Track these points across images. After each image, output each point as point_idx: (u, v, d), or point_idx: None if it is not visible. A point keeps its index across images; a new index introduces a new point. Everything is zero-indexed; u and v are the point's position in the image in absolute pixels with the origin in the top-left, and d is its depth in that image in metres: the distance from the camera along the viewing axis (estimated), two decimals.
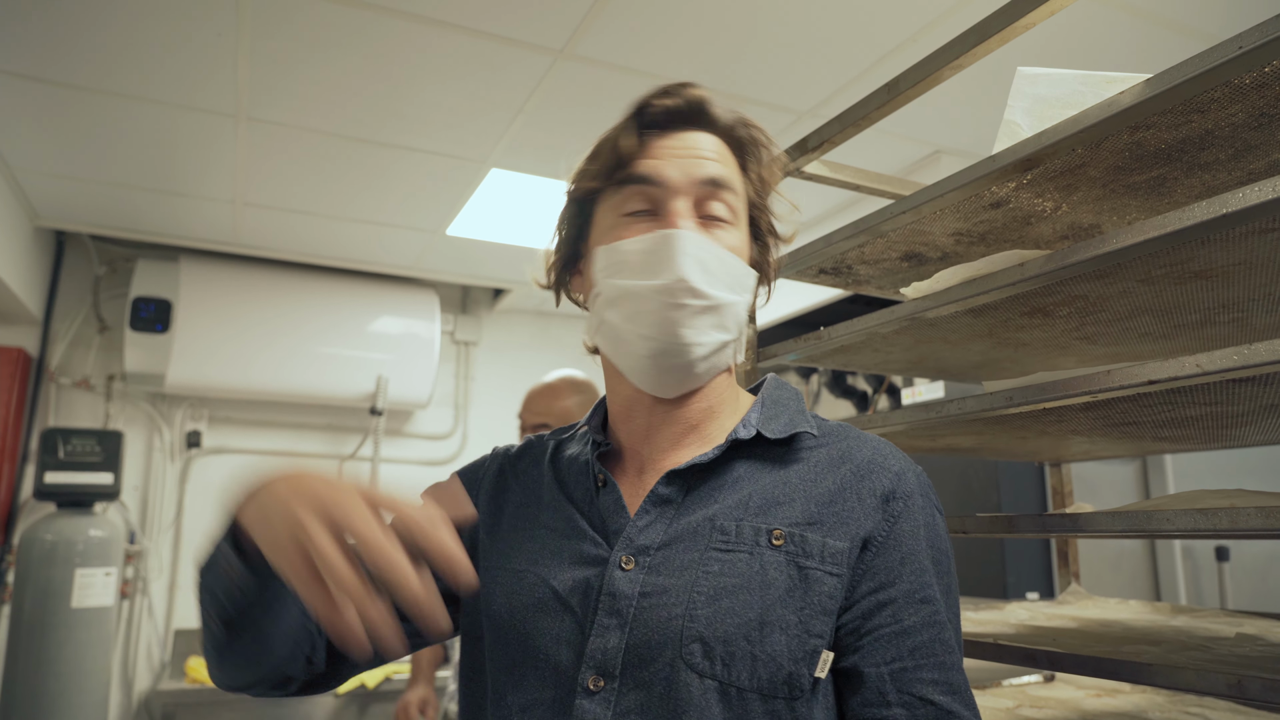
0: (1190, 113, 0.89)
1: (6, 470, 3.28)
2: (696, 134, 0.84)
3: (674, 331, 0.79)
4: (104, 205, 3.13)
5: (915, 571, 0.76)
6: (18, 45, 2.05)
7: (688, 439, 0.86)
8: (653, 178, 0.81)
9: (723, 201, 0.83)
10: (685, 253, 0.79)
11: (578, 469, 0.88)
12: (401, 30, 1.98)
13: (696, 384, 0.85)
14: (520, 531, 0.86)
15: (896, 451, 0.85)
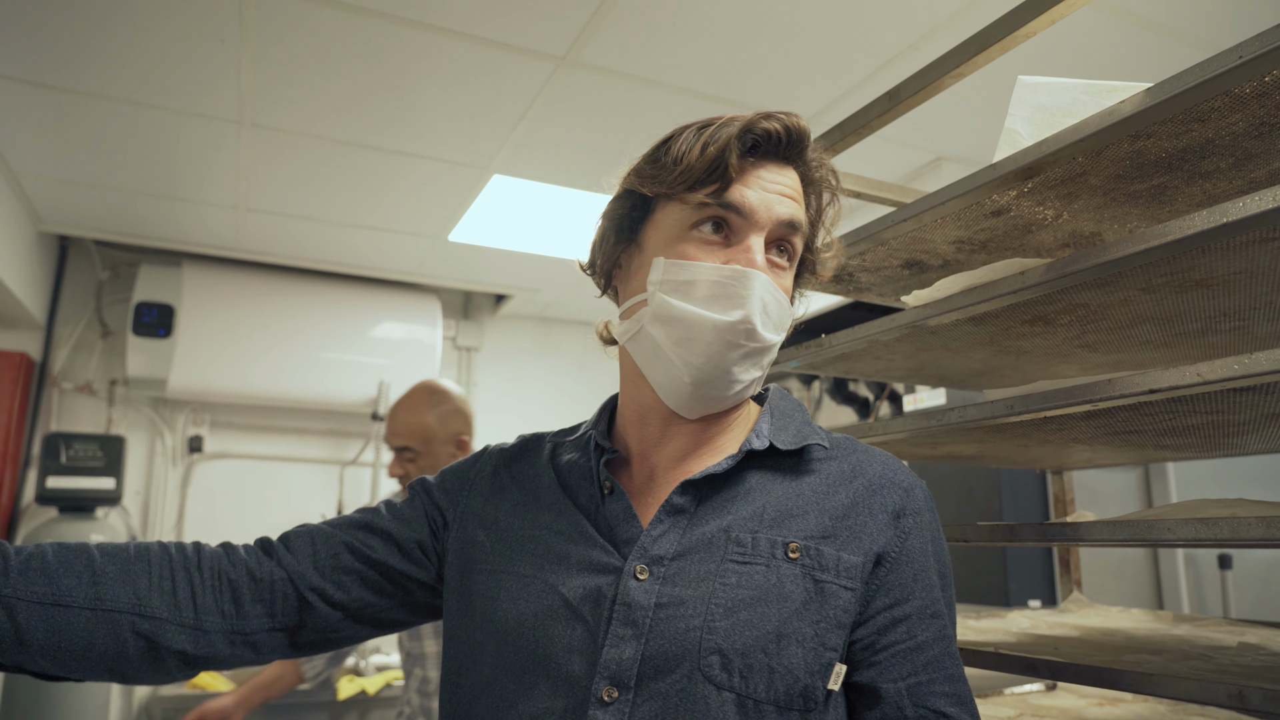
0: (1191, 122, 0.89)
1: (9, 475, 3.28)
2: (783, 168, 0.83)
3: (724, 369, 0.79)
4: (107, 210, 3.14)
5: (926, 587, 0.78)
6: (22, 51, 2.06)
7: (700, 449, 0.85)
8: (739, 207, 0.79)
9: (790, 243, 0.83)
10: (756, 295, 0.78)
11: (579, 473, 0.87)
12: (404, 37, 1.98)
13: (721, 409, 0.85)
14: (522, 533, 0.85)
15: (903, 466, 0.86)
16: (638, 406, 0.87)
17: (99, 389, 3.61)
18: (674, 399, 0.82)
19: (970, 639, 1.26)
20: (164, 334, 3.42)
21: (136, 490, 3.62)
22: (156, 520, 3.62)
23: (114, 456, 2.98)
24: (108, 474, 2.94)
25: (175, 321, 3.42)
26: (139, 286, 3.44)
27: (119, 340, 3.60)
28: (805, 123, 0.83)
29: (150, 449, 3.68)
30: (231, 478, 3.79)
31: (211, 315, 3.48)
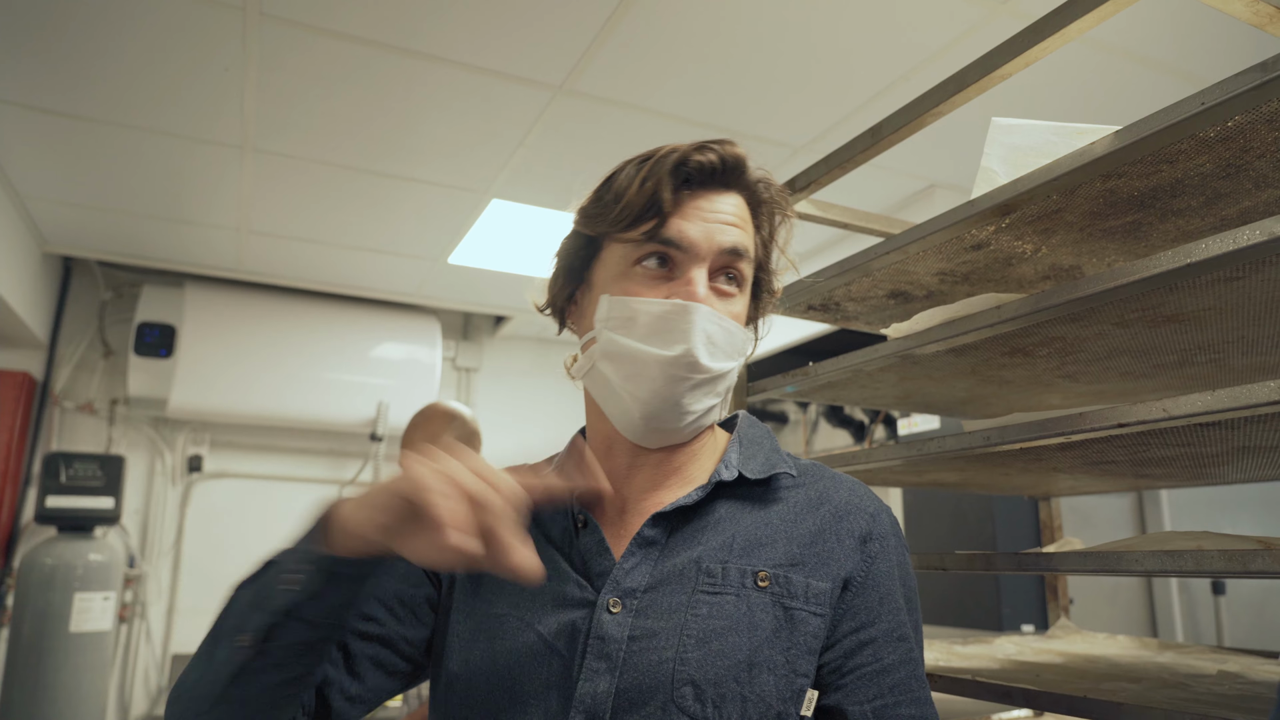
0: (1159, 163, 0.91)
1: (9, 494, 3.30)
2: (725, 195, 0.83)
3: (673, 401, 0.80)
4: (111, 232, 3.18)
5: (892, 610, 0.78)
6: (28, 77, 2.10)
7: (669, 480, 0.86)
8: (678, 241, 0.79)
9: (737, 270, 0.83)
10: (698, 328, 0.78)
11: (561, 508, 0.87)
12: (404, 66, 2.02)
13: (681, 440, 0.86)
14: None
15: (870, 492, 0.86)
16: (603, 439, 0.88)
17: (100, 408, 3.63)
18: (629, 432, 0.83)
19: (954, 665, 1.27)
20: (165, 354, 3.45)
21: (136, 509, 3.64)
22: (155, 539, 3.64)
23: (113, 476, 3.00)
24: (107, 493, 2.96)
25: (177, 342, 3.45)
26: (141, 307, 3.48)
27: (121, 360, 3.63)
28: (741, 150, 0.84)
29: (150, 468, 3.70)
30: (231, 497, 3.81)
31: (213, 336, 3.51)
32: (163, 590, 3.62)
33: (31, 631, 2.76)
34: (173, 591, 3.63)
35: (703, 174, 0.82)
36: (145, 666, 3.53)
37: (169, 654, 3.56)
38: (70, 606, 2.78)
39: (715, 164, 0.81)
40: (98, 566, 2.88)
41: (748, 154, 0.85)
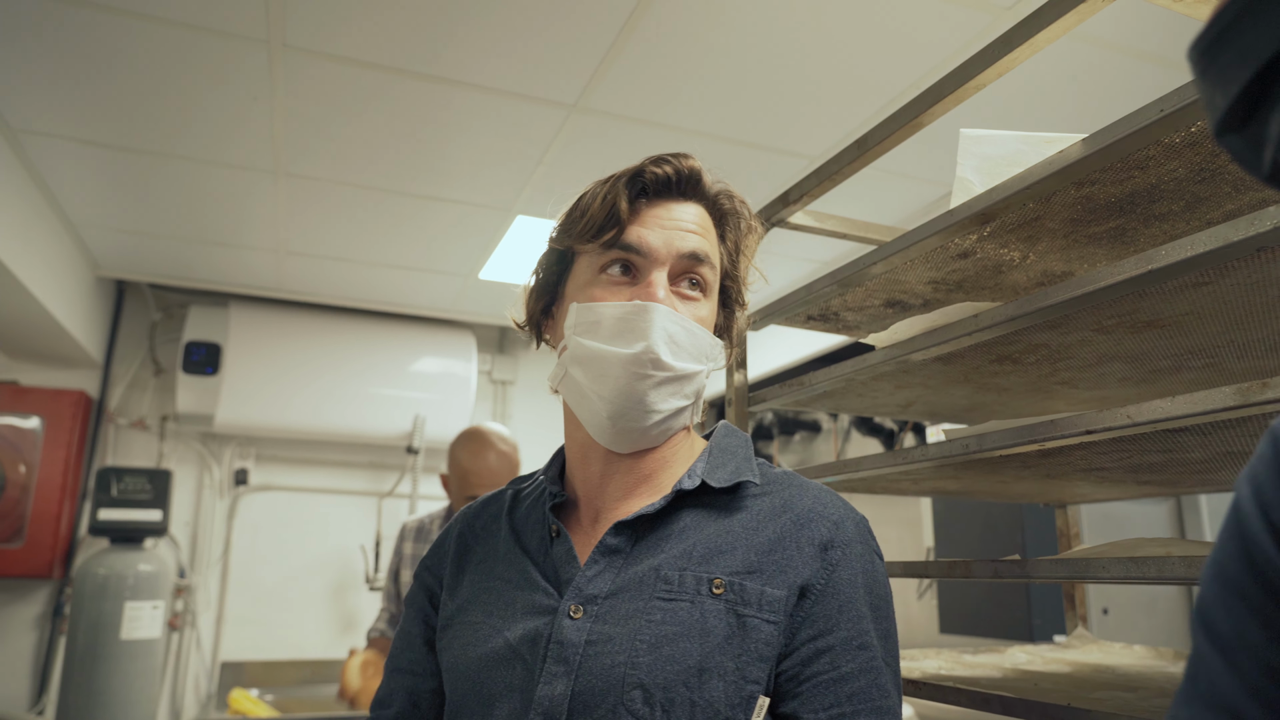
0: (1131, 169, 0.92)
1: (68, 507, 3.45)
2: (684, 205, 0.87)
3: (636, 399, 0.82)
4: (159, 255, 3.31)
5: (853, 619, 0.77)
6: (77, 113, 2.22)
7: (640, 489, 0.88)
8: (637, 247, 0.84)
9: (699, 274, 0.86)
10: (657, 326, 0.81)
11: (535, 519, 0.92)
12: (422, 90, 2.09)
13: (652, 444, 0.88)
14: (478, 585, 0.90)
15: (837, 500, 0.86)
16: (579, 448, 0.91)
17: (151, 424, 3.78)
18: (601, 435, 0.86)
19: (957, 674, 1.27)
20: (211, 371, 3.58)
21: (186, 521, 3.77)
22: (204, 551, 3.77)
23: (161, 489, 3.12)
24: (155, 506, 3.08)
25: (222, 359, 3.58)
26: (189, 326, 3.61)
27: (170, 378, 3.78)
28: (697, 163, 0.88)
29: (199, 482, 3.83)
30: (275, 509, 3.92)
31: (256, 353, 3.63)
32: (211, 600, 3.75)
33: (85, 639, 2.88)
34: (221, 601, 3.75)
35: (660, 185, 0.86)
36: (195, 674, 3.65)
37: (218, 661, 3.67)
38: (121, 615, 2.90)
39: (671, 175, 0.86)
40: (147, 576, 3.00)
41: (704, 167, 0.89)
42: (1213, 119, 0.39)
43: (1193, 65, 0.40)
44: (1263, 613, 0.42)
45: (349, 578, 3.94)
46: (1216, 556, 0.45)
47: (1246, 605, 0.43)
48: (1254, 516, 0.43)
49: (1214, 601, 0.45)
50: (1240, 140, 0.38)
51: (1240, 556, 0.43)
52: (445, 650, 0.88)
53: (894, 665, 0.79)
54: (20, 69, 2.03)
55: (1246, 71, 0.36)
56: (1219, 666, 0.43)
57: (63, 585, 3.46)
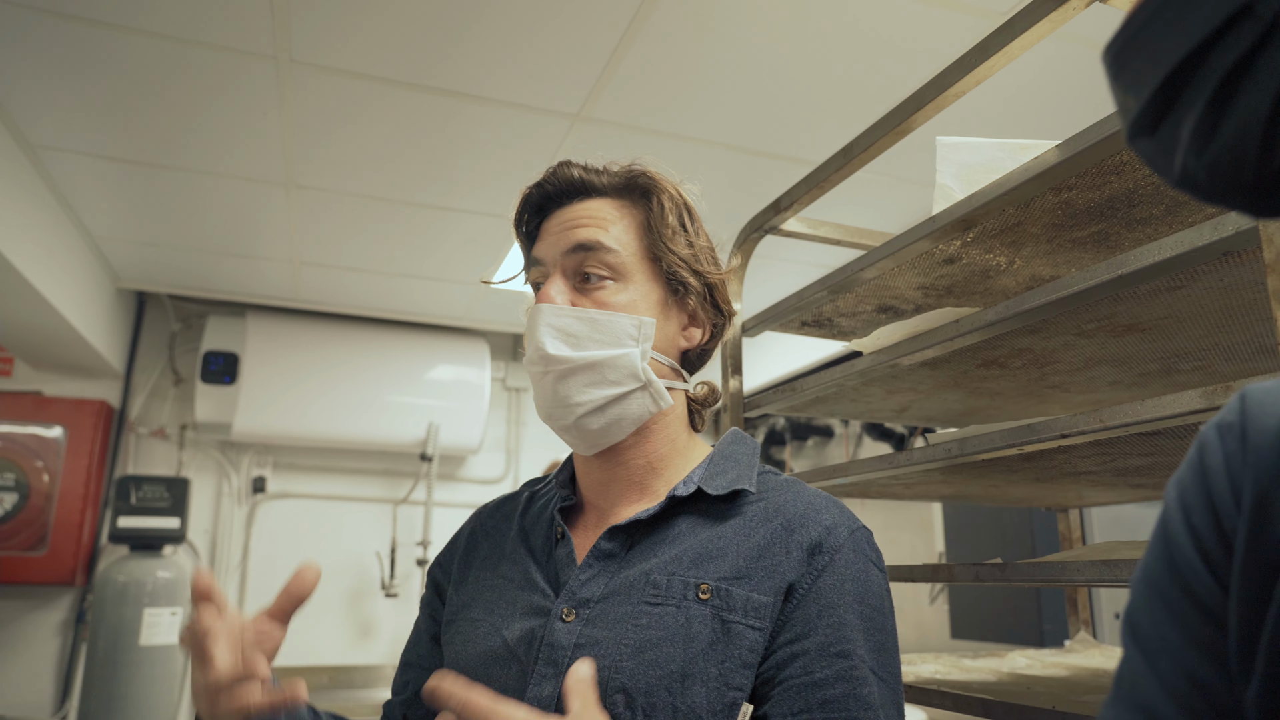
0: (1106, 174, 0.92)
1: (90, 515, 3.52)
2: (578, 204, 0.89)
3: (552, 397, 0.85)
4: (178, 267, 3.37)
5: (833, 625, 0.75)
6: (95, 130, 2.28)
7: (635, 494, 0.89)
8: (538, 260, 0.89)
9: (595, 263, 0.86)
10: (541, 325, 0.85)
11: (544, 521, 0.93)
12: (427, 102, 2.12)
13: (609, 440, 0.87)
14: (481, 583, 0.91)
15: (834, 506, 0.83)
16: (578, 454, 0.93)
17: (171, 433, 3.85)
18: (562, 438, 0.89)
19: (952, 678, 1.27)
20: (229, 381, 3.63)
21: (205, 529, 3.83)
22: (223, 558, 3.82)
23: (179, 497, 3.17)
24: (173, 514, 3.13)
25: (240, 369, 3.64)
26: (207, 336, 3.67)
27: (189, 387, 3.84)
28: (570, 167, 0.90)
29: (218, 490, 3.89)
30: (292, 516, 3.97)
31: (273, 362, 3.68)
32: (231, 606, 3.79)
33: (106, 645, 2.94)
34: (240, 607, 3.80)
35: (544, 201, 0.91)
36: None
37: None
38: (140, 621, 2.95)
39: (548, 190, 0.90)
40: (165, 583, 3.05)
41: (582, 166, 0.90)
42: (1125, 123, 0.40)
43: (1106, 69, 0.41)
44: (1182, 616, 0.43)
45: (366, 584, 3.98)
46: (1145, 559, 0.46)
47: (1168, 609, 0.43)
48: (1177, 520, 0.44)
49: (1139, 603, 0.46)
50: (1152, 144, 0.39)
51: (1163, 559, 0.44)
52: (447, 645, 0.90)
53: (889, 680, 0.76)
54: (39, 87, 2.08)
55: (1157, 75, 0.37)
56: (1140, 667, 0.44)
57: (85, 592, 3.53)
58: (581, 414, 0.85)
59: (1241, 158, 0.34)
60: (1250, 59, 0.33)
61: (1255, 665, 0.39)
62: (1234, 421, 0.44)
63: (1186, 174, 0.37)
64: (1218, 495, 0.43)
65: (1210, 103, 0.35)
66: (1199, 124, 0.35)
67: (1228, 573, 0.41)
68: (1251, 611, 0.40)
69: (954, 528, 2.84)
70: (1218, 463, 0.44)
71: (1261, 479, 0.41)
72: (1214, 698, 0.41)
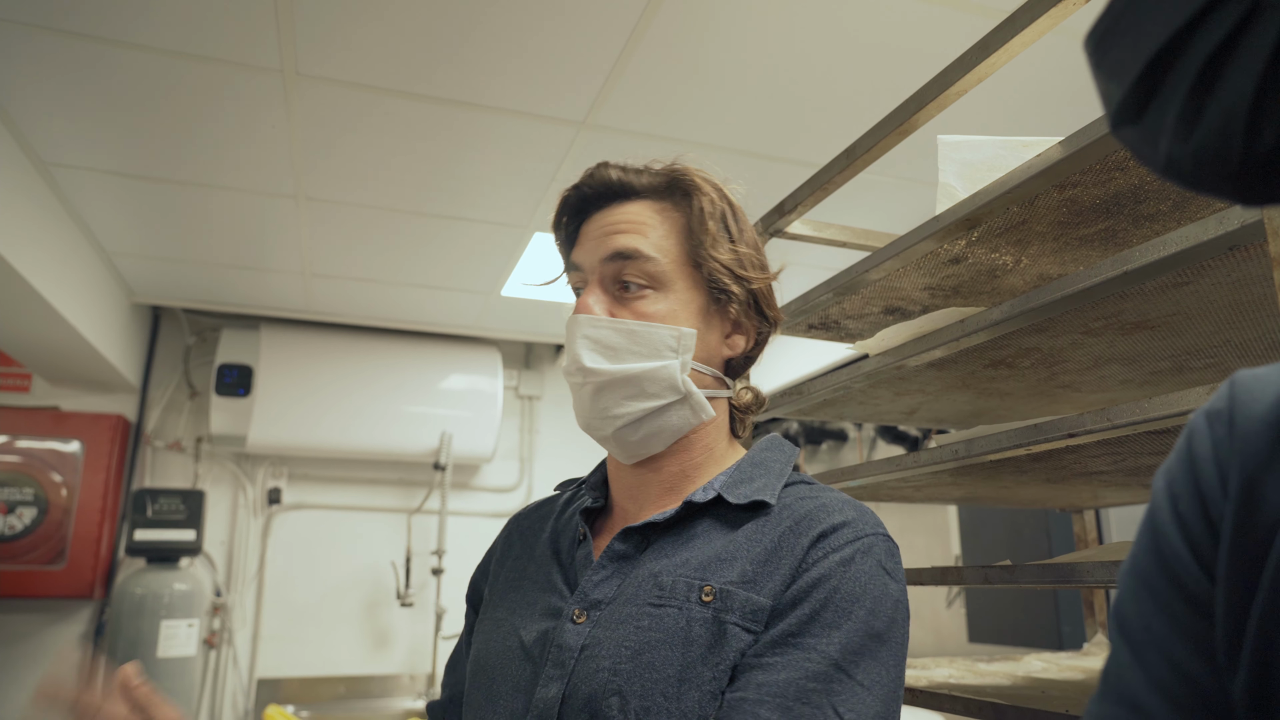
0: (1111, 170, 0.91)
1: (108, 528, 3.55)
2: (617, 207, 0.86)
3: (591, 409, 0.84)
4: (191, 281, 3.40)
5: (803, 619, 0.71)
6: (107, 146, 2.30)
7: (665, 499, 0.86)
8: (577, 265, 0.87)
9: (634, 272, 0.83)
10: (578, 336, 0.83)
11: (573, 522, 0.92)
12: (434, 112, 2.13)
13: (648, 450, 0.86)
14: (509, 583, 0.91)
15: (849, 508, 0.79)
16: (611, 458, 0.92)
17: (187, 446, 3.87)
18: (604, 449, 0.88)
19: (966, 682, 1.25)
20: (243, 393, 3.66)
21: (221, 541, 3.85)
22: (240, 569, 3.84)
23: (194, 509, 3.19)
24: (189, 526, 3.15)
25: (254, 381, 3.66)
26: (221, 349, 3.70)
27: (204, 400, 3.87)
28: (609, 169, 0.86)
29: (233, 502, 3.91)
30: (308, 527, 3.99)
31: (286, 374, 3.70)
32: (247, 617, 3.81)
33: (124, 657, 2.95)
34: (256, 618, 3.82)
35: (583, 204, 0.88)
36: (233, 690, 3.72)
37: (254, 678, 3.74)
38: (158, 633, 2.97)
39: (587, 193, 0.88)
40: (182, 595, 3.07)
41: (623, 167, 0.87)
42: (1109, 111, 0.39)
43: (1088, 56, 0.40)
44: (1169, 607, 0.42)
45: (381, 594, 3.98)
46: (1133, 550, 0.46)
47: (1154, 599, 0.43)
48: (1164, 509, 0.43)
49: (1126, 595, 0.45)
50: (1136, 133, 0.38)
51: (1150, 549, 0.44)
52: (474, 642, 0.90)
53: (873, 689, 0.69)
54: (50, 105, 2.11)
55: (1139, 61, 0.36)
56: (1127, 660, 0.43)
57: (104, 605, 3.55)
58: (620, 426, 0.83)
59: (1227, 144, 0.33)
60: (1233, 41, 0.32)
61: (1242, 656, 0.38)
62: (1222, 408, 0.44)
63: (1172, 162, 0.36)
64: (1205, 482, 0.42)
65: (1193, 88, 0.34)
66: (1182, 110, 0.35)
67: (1215, 562, 0.40)
68: (1238, 601, 0.39)
69: (969, 531, 2.81)
70: (1205, 449, 0.43)
71: (1248, 465, 0.40)
72: (1201, 690, 0.40)
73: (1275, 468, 0.40)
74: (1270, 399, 0.43)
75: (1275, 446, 0.41)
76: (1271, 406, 0.42)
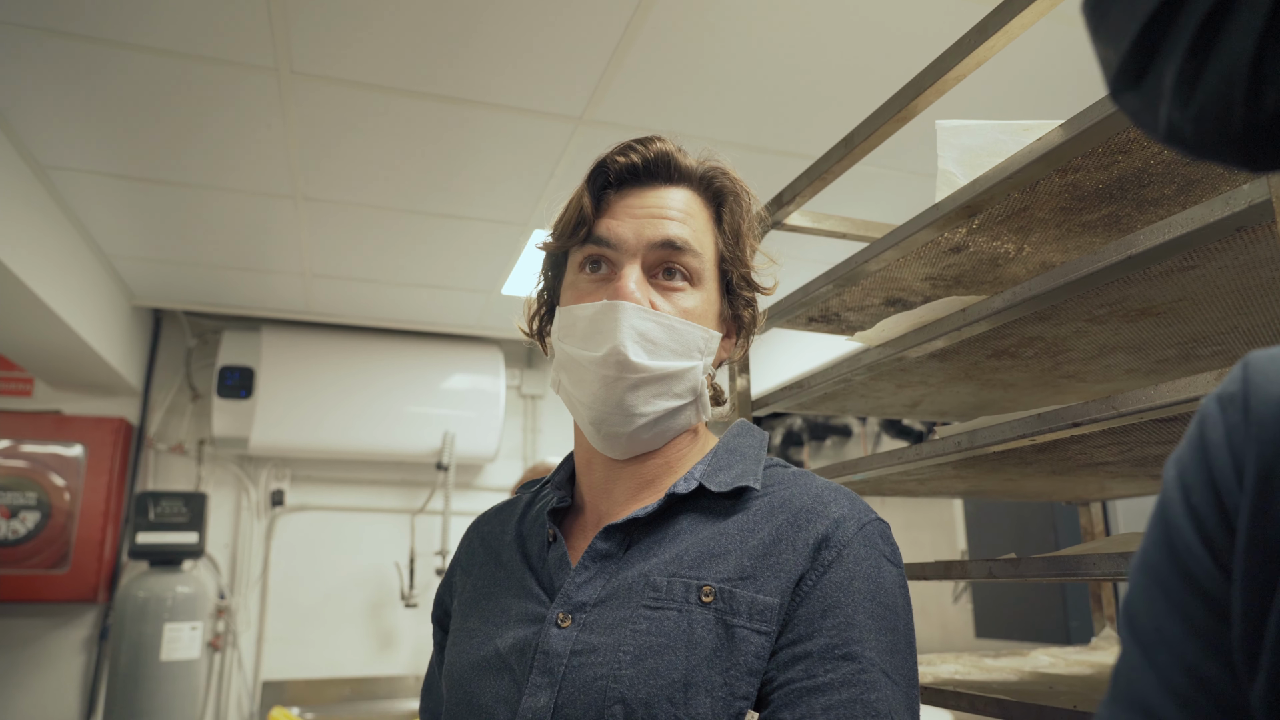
0: (1114, 153, 0.89)
1: (111, 532, 3.54)
2: (662, 190, 0.82)
3: (614, 404, 0.79)
4: (191, 283, 3.40)
5: (839, 626, 0.70)
6: (105, 149, 2.29)
7: (643, 494, 0.84)
8: (607, 239, 0.80)
9: (680, 264, 0.81)
10: (624, 325, 0.77)
11: (540, 524, 0.89)
12: (430, 110, 2.12)
13: (647, 448, 0.83)
14: (479, 592, 0.88)
15: (843, 498, 0.78)
16: (583, 453, 0.88)
17: (190, 449, 3.87)
18: (594, 441, 0.83)
19: (971, 678, 1.24)
20: (245, 395, 3.65)
21: (225, 543, 3.84)
22: (243, 571, 3.83)
23: (196, 512, 3.19)
24: (191, 529, 3.14)
25: (255, 383, 3.65)
26: (222, 351, 3.69)
27: (206, 402, 3.86)
28: (668, 144, 0.83)
29: (237, 504, 3.91)
30: (311, 529, 3.98)
31: (288, 375, 3.70)
32: (251, 620, 3.81)
33: (127, 661, 2.95)
34: (261, 621, 3.81)
35: (627, 173, 0.83)
36: (238, 693, 3.71)
37: (259, 681, 3.73)
38: (161, 637, 2.96)
39: (637, 162, 0.82)
40: (185, 598, 3.06)
41: (677, 149, 0.84)
42: (1108, 77, 0.38)
43: (1086, 23, 0.38)
44: (1182, 605, 0.40)
45: (385, 595, 3.97)
46: (1143, 544, 0.43)
47: (1166, 597, 0.40)
48: (1176, 501, 0.41)
49: (1136, 592, 0.43)
50: (1137, 98, 0.36)
51: (1162, 544, 0.42)
52: (446, 656, 0.86)
53: (902, 684, 0.70)
54: (47, 108, 2.10)
55: (1135, 24, 0.34)
56: (1137, 662, 0.41)
57: (108, 609, 3.55)
58: (640, 424, 0.80)
59: (1228, 107, 0.31)
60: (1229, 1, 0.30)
61: (1261, 659, 0.36)
62: (1236, 392, 0.41)
63: (1172, 128, 0.34)
64: (1219, 472, 0.40)
65: (1190, 50, 0.32)
66: (1181, 73, 0.33)
67: (1230, 556, 0.38)
68: (1256, 599, 0.37)
69: (975, 526, 2.79)
70: (1219, 436, 0.40)
71: (1266, 452, 0.38)
72: (1217, 694, 0.38)
73: None
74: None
75: None
76: None
